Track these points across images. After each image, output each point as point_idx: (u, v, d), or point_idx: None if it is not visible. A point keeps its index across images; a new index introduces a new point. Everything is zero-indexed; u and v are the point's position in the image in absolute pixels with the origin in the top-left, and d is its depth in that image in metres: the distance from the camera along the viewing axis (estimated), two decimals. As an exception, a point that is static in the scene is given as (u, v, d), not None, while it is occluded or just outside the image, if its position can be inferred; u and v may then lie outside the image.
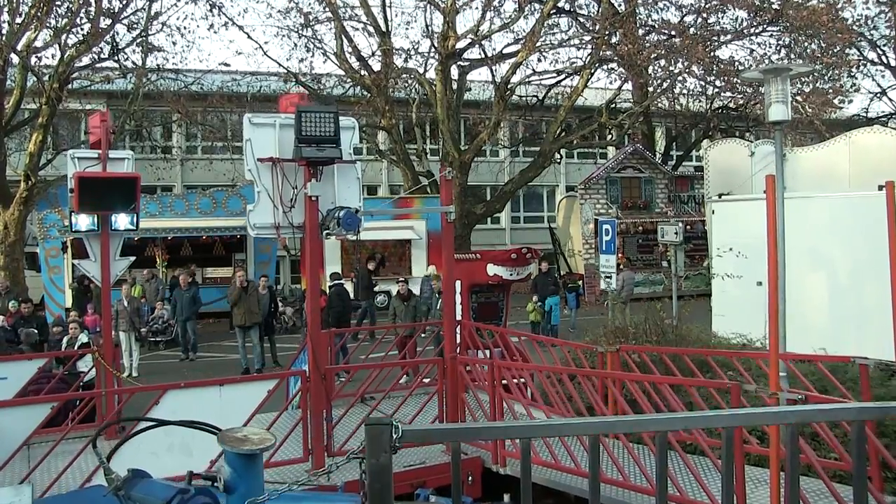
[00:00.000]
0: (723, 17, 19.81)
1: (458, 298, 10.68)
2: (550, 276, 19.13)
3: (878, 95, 34.46)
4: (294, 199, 7.52)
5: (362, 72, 23.61)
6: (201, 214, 22.70)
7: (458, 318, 10.11)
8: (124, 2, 19.84)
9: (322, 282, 16.66)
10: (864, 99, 33.92)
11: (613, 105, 23.43)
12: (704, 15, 19.54)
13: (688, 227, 26.59)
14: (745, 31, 19.64)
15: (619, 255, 25.64)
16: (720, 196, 15.06)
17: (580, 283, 19.55)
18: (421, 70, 24.02)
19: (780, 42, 19.93)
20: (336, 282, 16.11)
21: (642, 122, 25.16)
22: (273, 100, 26.57)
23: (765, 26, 19.37)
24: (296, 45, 24.22)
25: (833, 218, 13.29)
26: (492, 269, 10.31)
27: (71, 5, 18.96)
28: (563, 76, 22.75)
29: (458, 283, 10.53)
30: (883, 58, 34.85)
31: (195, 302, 17.45)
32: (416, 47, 23.41)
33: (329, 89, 24.95)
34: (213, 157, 28.58)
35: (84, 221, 8.54)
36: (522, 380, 9.80)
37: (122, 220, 8.78)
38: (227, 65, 24.94)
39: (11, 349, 12.77)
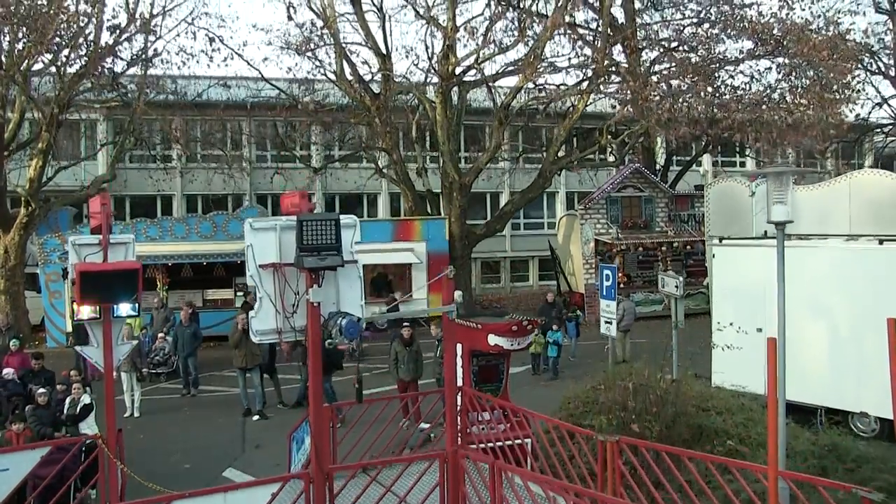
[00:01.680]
0: (725, 49, 19.83)
1: (459, 361, 10.72)
2: (555, 308, 19.17)
3: (879, 105, 34.48)
4: (296, 304, 7.54)
5: (363, 93, 23.56)
6: (201, 238, 22.74)
7: (460, 383, 10.19)
8: (121, 37, 19.79)
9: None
10: (866, 103, 33.71)
11: (612, 129, 23.38)
12: (707, 47, 19.53)
13: (688, 246, 26.73)
14: (744, 59, 19.63)
15: (620, 273, 25.84)
16: (721, 240, 15.05)
17: (579, 312, 19.62)
18: (420, 83, 23.95)
19: (781, 70, 19.92)
20: None
21: (642, 140, 25.10)
22: (272, 107, 26.85)
23: (766, 56, 19.36)
24: (297, 63, 24.26)
25: (833, 268, 13.29)
26: (493, 340, 10.31)
27: (69, 38, 18.85)
28: (562, 94, 22.62)
29: (458, 346, 10.60)
30: (883, 67, 34.86)
31: (196, 338, 17.52)
32: (416, 63, 23.26)
33: (328, 107, 24.88)
34: (212, 167, 28.48)
35: (86, 311, 8.56)
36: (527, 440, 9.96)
37: (123, 308, 8.81)
38: (227, 86, 24.77)
39: (19, 402, 12.86)
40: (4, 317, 17.03)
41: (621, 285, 25.68)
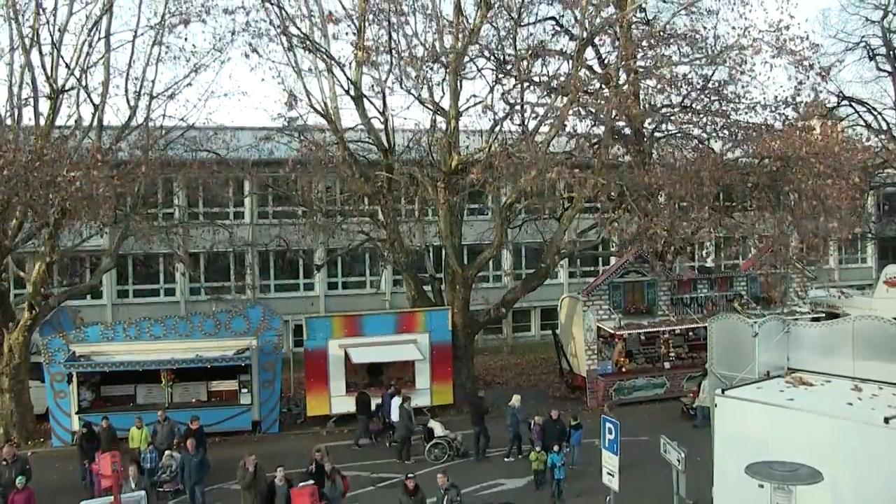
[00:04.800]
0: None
1: None
2: (559, 424, 19.23)
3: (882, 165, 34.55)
4: None
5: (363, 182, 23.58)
6: (205, 336, 22.79)
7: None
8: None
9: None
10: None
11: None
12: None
13: (689, 333, 26.81)
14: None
15: (621, 357, 25.96)
16: (723, 391, 15.09)
17: (581, 423, 19.71)
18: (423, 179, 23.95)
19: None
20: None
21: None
22: (276, 163, 26.86)
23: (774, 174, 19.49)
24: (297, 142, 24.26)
25: (839, 440, 13.27)
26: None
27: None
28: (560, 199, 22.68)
29: None
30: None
31: (203, 466, 17.58)
32: (419, 161, 23.26)
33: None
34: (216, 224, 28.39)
35: None
36: None
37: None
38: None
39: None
40: (11, 449, 17.05)
41: (622, 369, 25.96)
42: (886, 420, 12.88)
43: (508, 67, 23.45)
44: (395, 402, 21.14)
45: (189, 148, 23.61)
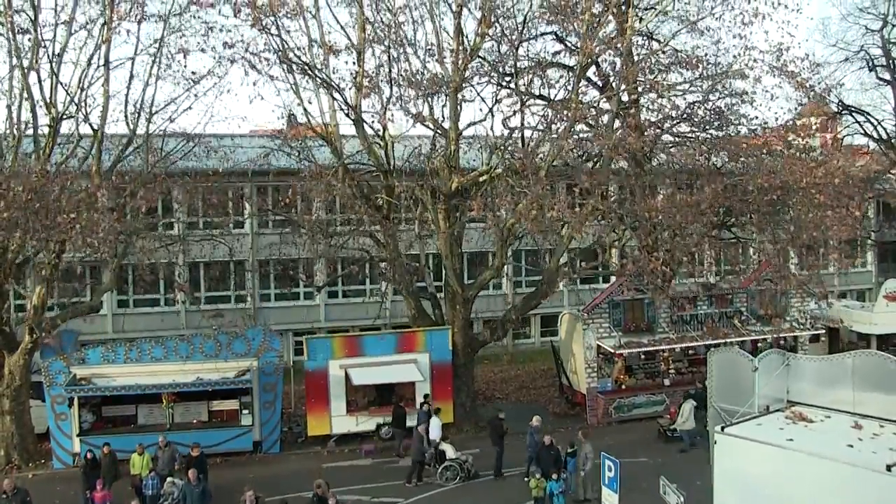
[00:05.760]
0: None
1: None
2: (553, 450, 19.31)
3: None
4: None
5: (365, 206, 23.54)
6: (206, 357, 22.80)
7: None
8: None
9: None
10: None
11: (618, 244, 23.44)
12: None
13: (689, 350, 26.85)
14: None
15: (621, 374, 26.01)
16: (722, 429, 15.13)
17: (576, 449, 19.80)
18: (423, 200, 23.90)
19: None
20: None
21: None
22: (277, 173, 26.96)
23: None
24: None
25: (840, 485, 13.24)
26: None
27: None
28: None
29: None
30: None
31: (205, 496, 17.66)
32: (419, 182, 23.20)
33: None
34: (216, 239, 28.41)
35: None
36: None
37: None
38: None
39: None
40: (11, 481, 17.09)
41: (622, 386, 26.02)
42: (889, 468, 12.83)
43: (508, 80, 23.44)
44: (435, 421, 21.38)
45: (189, 160, 23.76)
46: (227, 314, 29.63)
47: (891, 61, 33.67)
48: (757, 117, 22.35)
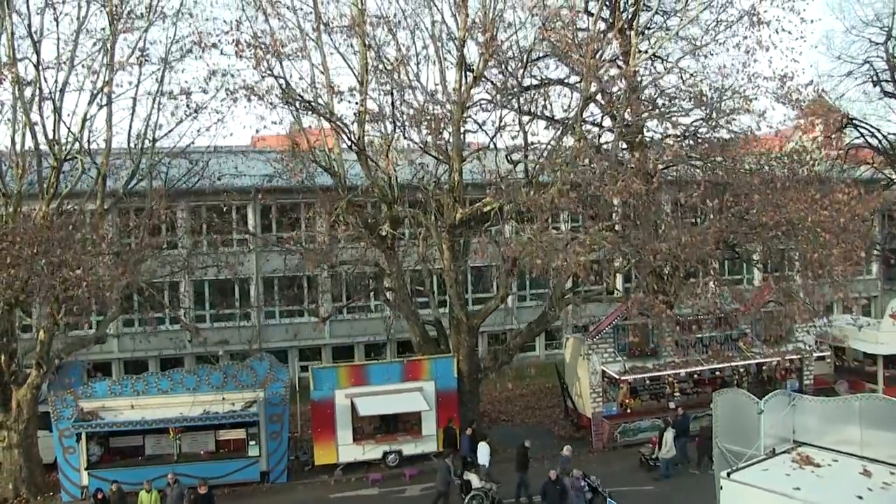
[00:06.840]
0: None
1: None
2: (559, 485, 19.35)
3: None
4: None
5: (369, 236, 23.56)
6: (212, 389, 22.86)
7: None
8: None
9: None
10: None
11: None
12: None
13: (695, 375, 26.83)
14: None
15: (626, 398, 26.02)
16: (728, 475, 15.15)
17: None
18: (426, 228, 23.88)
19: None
20: None
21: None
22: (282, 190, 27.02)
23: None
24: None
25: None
26: None
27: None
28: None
29: None
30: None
31: (213, 531, 17.75)
32: (424, 212, 23.18)
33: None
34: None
35: None
36: None
37: None
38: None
39: None
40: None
41: (628, 410, 26.04)
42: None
43: (511, 98, 23.32)
44: (483, 447, 21.84)
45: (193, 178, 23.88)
46: (232, 332, 29.76)
47: (895, 74, 33.52)
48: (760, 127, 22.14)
